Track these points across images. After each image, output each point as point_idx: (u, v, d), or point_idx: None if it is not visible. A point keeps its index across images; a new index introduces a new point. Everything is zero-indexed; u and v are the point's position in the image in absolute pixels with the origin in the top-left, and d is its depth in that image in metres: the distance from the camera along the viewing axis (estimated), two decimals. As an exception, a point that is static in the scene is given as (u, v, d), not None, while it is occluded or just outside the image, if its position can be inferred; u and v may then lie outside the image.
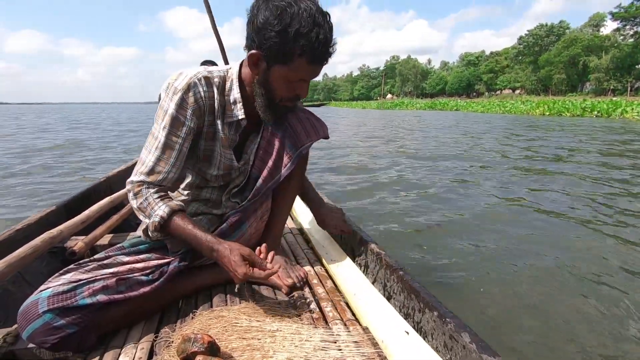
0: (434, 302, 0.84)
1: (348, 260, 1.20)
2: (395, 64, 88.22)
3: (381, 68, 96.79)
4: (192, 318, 0.90)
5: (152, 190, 0.90)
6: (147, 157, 0.91)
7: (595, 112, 20.25)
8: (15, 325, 0.80)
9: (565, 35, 52.90)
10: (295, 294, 1.03)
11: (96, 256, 0.92)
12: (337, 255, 1.25)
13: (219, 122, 0.97)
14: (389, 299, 1.02)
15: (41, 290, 0.80)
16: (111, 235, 1.40)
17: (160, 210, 0.88)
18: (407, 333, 0.82)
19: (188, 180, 1.08)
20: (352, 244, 1.31)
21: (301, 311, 0.94)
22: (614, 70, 43.61)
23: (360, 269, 1.18)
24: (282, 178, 1.05)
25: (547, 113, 23.13)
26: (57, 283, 0.81)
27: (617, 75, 43.72)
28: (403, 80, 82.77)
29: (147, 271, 0.92)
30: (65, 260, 1.18)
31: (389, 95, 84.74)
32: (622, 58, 42.88)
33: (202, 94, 0.92)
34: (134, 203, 0.91)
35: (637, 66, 43.36)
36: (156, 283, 0.89)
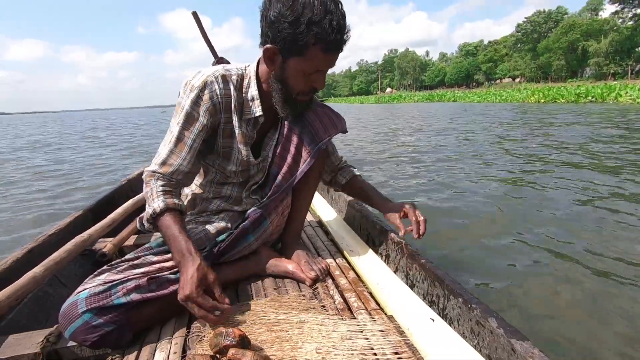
0: (459, 288, 0.84)
1: (369, 250, 1.21)
2: (394, 57, 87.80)
3: (379, 62, 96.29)
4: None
5: (160, 182, 0.93)
6: (162, 149, 0.96)
7: (590, 98, 20.18)
8: (56, 325, 0.83)
9: (564, 20, 52.32)
10: (319, 285, 1.04)
11: (127, 257, 0.96)
12: (357, 246, 1.26)
13: (235, 119, 0.98)
14: (412, 287, 1.02)
15: (79, 292, 0.83)
16: (136, 236, 1.45)
17: (156, 203, 0.90)
18: (433, 320, 0.83)
19: (209, 177, 1.11)
20: (372, 234, 1.32)
21: (326, 302, 0.96)
22: (613, 54, 43.16)
23: (382, 258, 1.19)
24: (301, 174, 1.06)
25: (542, 100, 23.03)
26: (92, 284, 0.84)
27: (616, 59, 43.28)
28: (402, 73, 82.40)
29: (176, 269, 0.94)
30: (96, 261, 1.22)
31: (389, 89, 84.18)
32: (622, 41, 42.38)
33: (218, 91, 0.95)
34: (144, 189, 0.95)
35: (637, 49, 42.86)
36: None
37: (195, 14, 2.35)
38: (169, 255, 0.97)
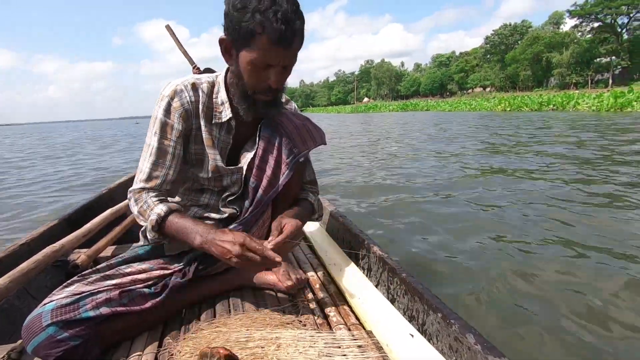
0: (438, 303, 0.83)
1: (351, 264, 1.20)
2: (370, 67, 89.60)
3: (356, 73, 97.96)
4: (194, 331, 0.89)
5: (151, 194, 0.93)
6: (144, 164, 0.95)
7: (552, 106, 21.43)
8: (20, 340, 0.80)
9: (528, 33, 55.01)
10: (299, 299, 1.03)
11: (99, 267, 0.93)
12: (340, 260, 1.24)
13: (203, 123, 0.99)
14: (392, 301, 1.00)
15: (45, 304, 0.80)
16: (114, 246, 1.41)
17: (158, 208, 0.90)
18: (412, 336, 0.81)
19: (186, 184, 1.10)
20: (355, 247, 1.31)
21: (305, 317, 0.94)
22: (574, 65, 45.58)
23: (364, 272, 1.18)
24: (280, 187, 1.04)
25: (508, 109, 24.53)
26: (60, 296, 0.81)
27: (577, 69, 45.73)
28: (378, 83, 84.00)
29: (150, 282, 0.93)
30: (69, 273, 1.19)
31: (366, 99, 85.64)
32: (582, 53, 44.86)
33: (188, 98, 0.96)
34: (134, 210, 0.93)
35: (595, 60, 45.51)
36: (158, 298, 0.89)
37: (168, 27, 2.36)
38: (144, 266, 0.95)
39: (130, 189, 0.95)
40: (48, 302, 0.80)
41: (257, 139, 1.04)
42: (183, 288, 0.96)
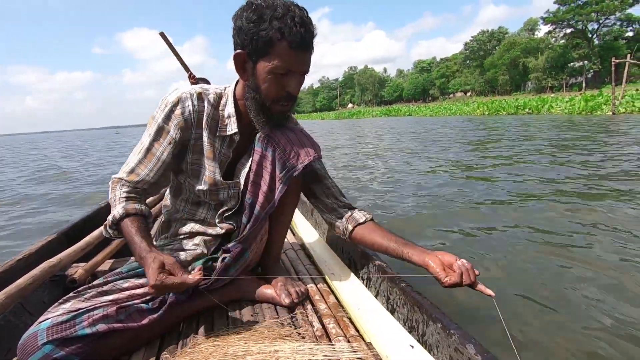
0: (438, 313, 0.82)
1: (350, 274, 1.19)
2: (354, 74, 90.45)
3: (340, 79, 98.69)
4: (191, 346, 0.87)
5: (124, 189, 0.95)
6: (132, 158, 0.98)
7: (527, 109, 21.90)
8: (16, 359, 0.78)
9: (505, 39, 56.77)
10: (298, 311, 1.02)
11: (94, 282, 0.91)
12: (339, 270, 1.24)
13: (206, 134, 0.99)
14: (392, 312, 1.00)
15: (40, 322, 0.78)
16: (113, 260, 1.38)
17: (116, 209, 0.91)
18: (412, 347, 0.81)
19: (183, 195, 1.09)
20: (354, 257, 1.29)
21: (304, 329, 0.93)
22: (549, 69, 47.27)
23: (363, 282, 1.16)
24: (276, 202, 1.03)
25: (487, 113, 24.93)
26: (56, 313, 0.80)
27: (552, 73, 47.42)
28: (362, 89, 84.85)
29: (147, 297, 0.91)
30: (67, 288, 1.16)
31: (350, 105, 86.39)
32: (556, 58, 46.63)
33: (191, 107, 0.96)
34: (109, 195, 0.96)
35: (569, 64, 47.23)
36: (156, 315, 0.88)
37: (162, 35, 2.36)
38: (142, 281, 0.93)
39: (114, 175, 0.98)
40: (44, 320, 0.78)
41: (252, 155, 1.03)
42: (181, 302, 0.95)
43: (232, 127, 0.99)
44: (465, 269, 0.85)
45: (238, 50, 0.90)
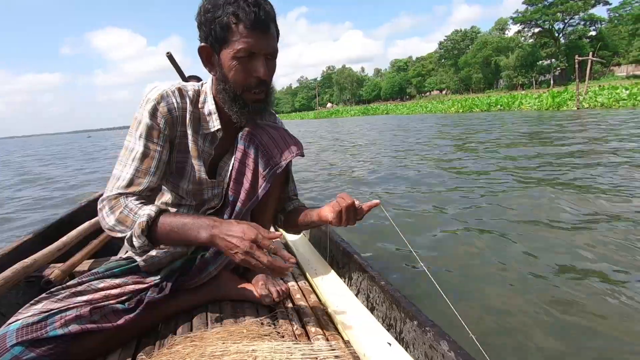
0: (415, 311, 0.84)
1: (332, 273, 1.19)
2: (332, 73, 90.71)
3: (318, 79, 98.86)
4: (168, 346, 0.86)
5: (131, 198, 0.86)
6: (124, 170, 0.88)
7: (499, 106, 22.95)
8: None
9: (477, 38, 58.46)
10: (278, 310, 1.02)
11: (69, 283, 0.88)
12: (321, 269, 1.24)
13: (190, 132, 0.96)
14: (372, 310, 1.01)
15: (10, 323, 0.76)
16: (91, 260, 1.35)
17: (147, 209, 0.83)
18: (389, 344, 0.82)
19: (163, 198, 1.07)
20: (337, 256, 1.30)
21: (283, 328, 0.92)
22: (520, 67, 49.13)
23: (345, 281, 1.17)
24: (258, 200, 1.02)
25: (461, 110, 25.75)
26: (27, 314, 0.77)
27: (523, 71, 49.31)
28: (341, 89, 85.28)
29: (124, 298, 0.89)
30: (42, 289, 1.12)
31: (329, 104, 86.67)
32: (525, 56, 48.53)
33: (175, 104, 0.92)
34: (110, 220, 0.84)
35: (538, 63, 49.12)
36: (132, 315, 0.86)
37: (170, 55, 2.33)
38: (118, 281, 0.91)
39: (103, 197, 0.88)
40: (14, 321, 0.76)
41: (234, 153, 1.02)
42: (159, 302, 0.93)
43: (214, 124, 0.97)
44: (341, 199, 0.98)
45: (200, 45, 0.89)
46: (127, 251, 1.07)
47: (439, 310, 1.18)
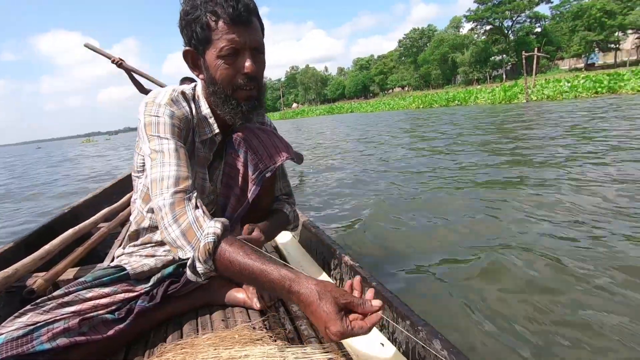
0: (407, 311, 0.84)
1: (324, 275, 1.20)
2: (295, 73, 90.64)
3: (283, 79, 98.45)
4: (158, 354, 0.83)
5: (192, 202, 0.79)
6: (163, 170, 0.81)
7: (457, 101, 23.81)
8: None
9: (434, 36, 60.75)
10: (270, 314, 1.00)
11: (55, 293, 0.82)
12: (313, 271, 1.24)
13: (196, 139, 0.93)
14: None
15: None
16: (77, 269, 1.28)
17: (212, 227, 0.74)
18: (382, 345, 0.83)
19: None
20: (328, 258, 1.30)
21: (276, 332, 0.91)
22: (475, 63, 51.73)
23: (336, 282, 1.18)
24: (249, 204, 1.00)
25: (422, 106, 26.98)
26: (11, 328, 0.72)
27: (477, 67, 51.98)
28: (305, 88, 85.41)
29: (113, 307, 0.85)
30: (25, 300, 1.06)
31: (295, 105, 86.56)
32: (479, 52, 51.31)
33: (185, 108, 0.90)
34: (172, 231, 0.76)
35: (491, 58, 51.89)
36: (122, 325, 0.82)
37: (88, 45, 2.25)
38: (107, 290, 0.86)
39: (157, 204, 0.79)
40: None
41: (224, 157, 0.99)
42: (149, 310, 0.89)
43: (212, 128, 0.94)
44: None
45: (184, 49, 0.86)
46: (113, 259, 1.03)
47: (435, 310, 1.20)
